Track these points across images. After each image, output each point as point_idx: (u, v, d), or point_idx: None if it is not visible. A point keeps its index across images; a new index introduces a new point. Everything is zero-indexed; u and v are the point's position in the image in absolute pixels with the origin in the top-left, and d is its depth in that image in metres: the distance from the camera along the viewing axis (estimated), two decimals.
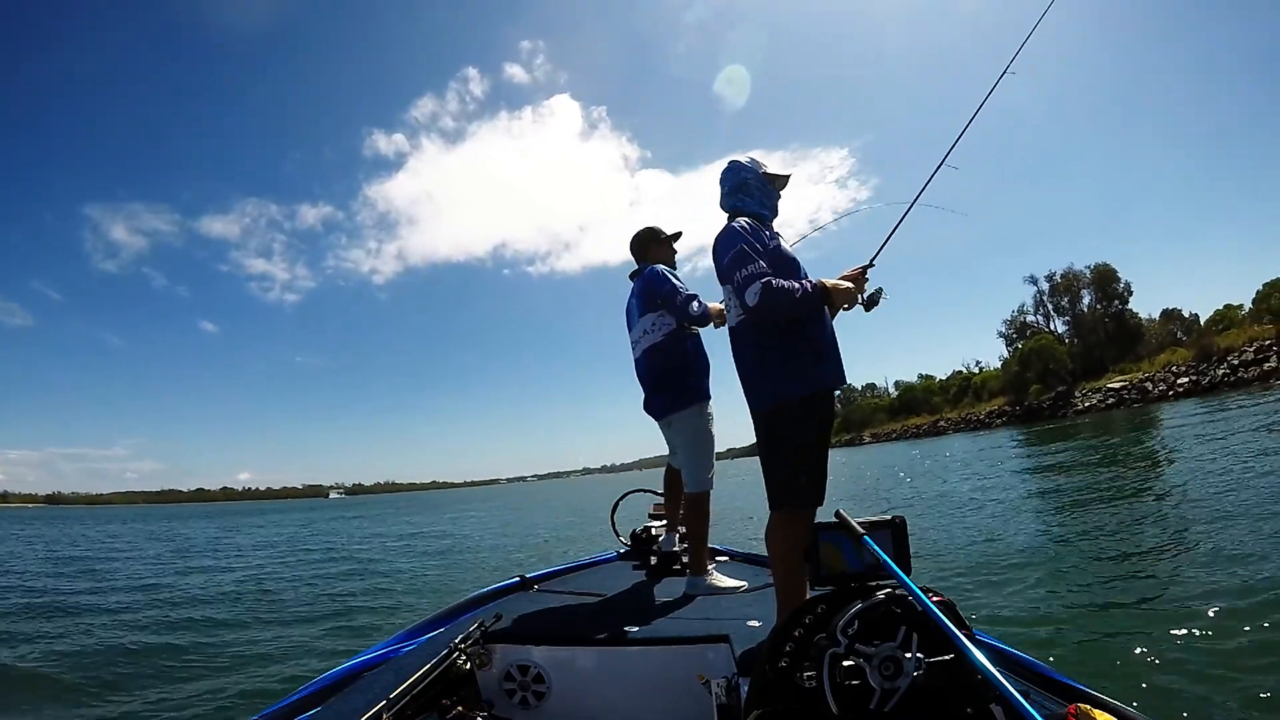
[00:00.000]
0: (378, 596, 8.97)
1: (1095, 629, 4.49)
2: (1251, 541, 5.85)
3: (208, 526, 30.44)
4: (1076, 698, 1.68)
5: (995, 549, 7.48)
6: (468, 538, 17.66)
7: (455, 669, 2.33)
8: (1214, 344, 43.03)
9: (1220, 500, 7.83)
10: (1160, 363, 47.29)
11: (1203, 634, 4.00)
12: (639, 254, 3.79)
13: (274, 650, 6.16)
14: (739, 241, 2.43)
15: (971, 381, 70.92)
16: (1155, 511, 8.09)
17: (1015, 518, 9.60)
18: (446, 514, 31.41)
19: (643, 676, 2.42)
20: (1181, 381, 41.81)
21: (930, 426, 67.87)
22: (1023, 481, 14.55)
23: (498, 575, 5.36)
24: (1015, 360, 60.36)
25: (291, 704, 2.08)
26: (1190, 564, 5.58)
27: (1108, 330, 56.88)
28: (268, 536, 22.63)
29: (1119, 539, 7.02)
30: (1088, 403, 48.34)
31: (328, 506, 71.23)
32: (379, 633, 6.21)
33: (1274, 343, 37.99)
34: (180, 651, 6.18)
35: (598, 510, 19.07)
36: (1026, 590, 5.66)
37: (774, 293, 2.30)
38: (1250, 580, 4.82)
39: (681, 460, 3.57)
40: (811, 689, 1.38)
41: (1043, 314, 63.61)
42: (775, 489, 2.38)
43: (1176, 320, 55.89)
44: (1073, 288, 60.90)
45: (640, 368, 3.66)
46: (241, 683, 5.19)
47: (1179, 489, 9.26)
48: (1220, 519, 6.93)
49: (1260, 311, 42.96)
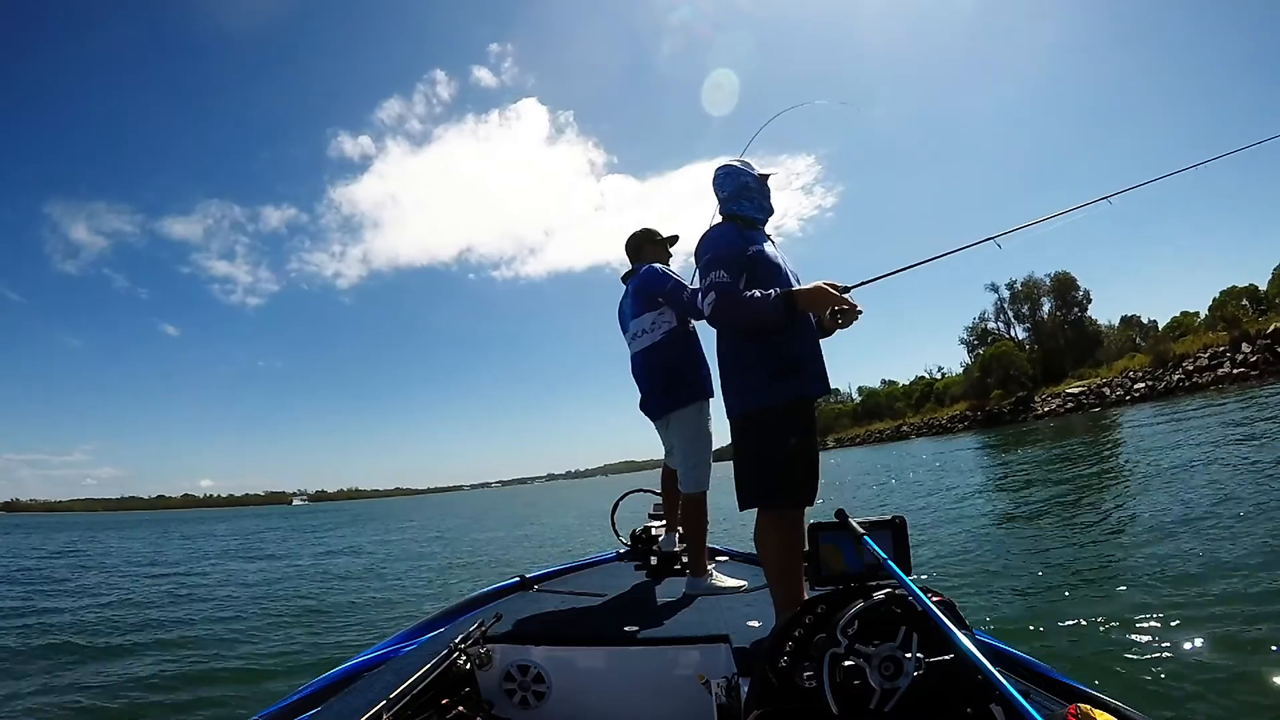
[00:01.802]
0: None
1: (1095, 629, 4.47)
2: (1247, 543, 5.85)
3: (168, 536, 29.92)
4: (1076, 698, 1.67)
5: (982, 551, 7.56)
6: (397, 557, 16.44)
7: (455, 669, 2.31)
8: (1170, 350, 43.97)
9: (1201, 501, 7.85)
10: (1118, 368, 48.20)
11: (1202, 634, 4.00)
12: (633, 255, 3.80)
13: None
14: (712, 248, 2.46)
15: (934, 387, 71.88)
16: (1133, 514, 8.08)
17: (989, 520, 9.76)
18: (399, 524, 30.09)
19: (643, 676, 2.43)
20: (1138, 386, 42.72)
21: (893, 431, 68.55)
22: (994, 484, 14.82)
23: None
24: (977, 366, 61.32)
25: (291, 704, 2.06)
26: (1189, 564, 5.56)
27: (1067, 337, 58.03)
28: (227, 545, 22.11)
29: (1106, 542, 7.02)
30: (1047, 407, 49.22)
31: (291, 514, 68.47)
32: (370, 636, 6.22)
33: (1227, 349, 38.89)
34: (176, 655, 6.25)
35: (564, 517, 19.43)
36: (1026, 590, 5.70)
37: (729, 307, 2.35)
38: (1250, 580, 4.81)
39: (677, 460, 3.56)
40: (811, 689, 1.39)
41: (1003, 321, 64.95)
42: (741, 489, 2.42)
43: (1136, 326, 57.11)
44: (1033, 295, 62.26)
45: (637, 367, 3.64)
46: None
47: (1152, 491, 9.35)
48: (1207, 519, 6.98)
49: (1215, 319, 43.95)
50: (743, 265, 2.42)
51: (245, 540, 23.97)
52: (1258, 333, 37.34)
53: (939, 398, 69.41)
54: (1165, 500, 8.40)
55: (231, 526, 35.64)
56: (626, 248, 3.84)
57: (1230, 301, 43.60)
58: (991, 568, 6.69)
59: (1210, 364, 38.93)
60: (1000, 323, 64.94)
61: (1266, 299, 42.31)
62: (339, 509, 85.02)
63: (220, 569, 14.30)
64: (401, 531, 23.99)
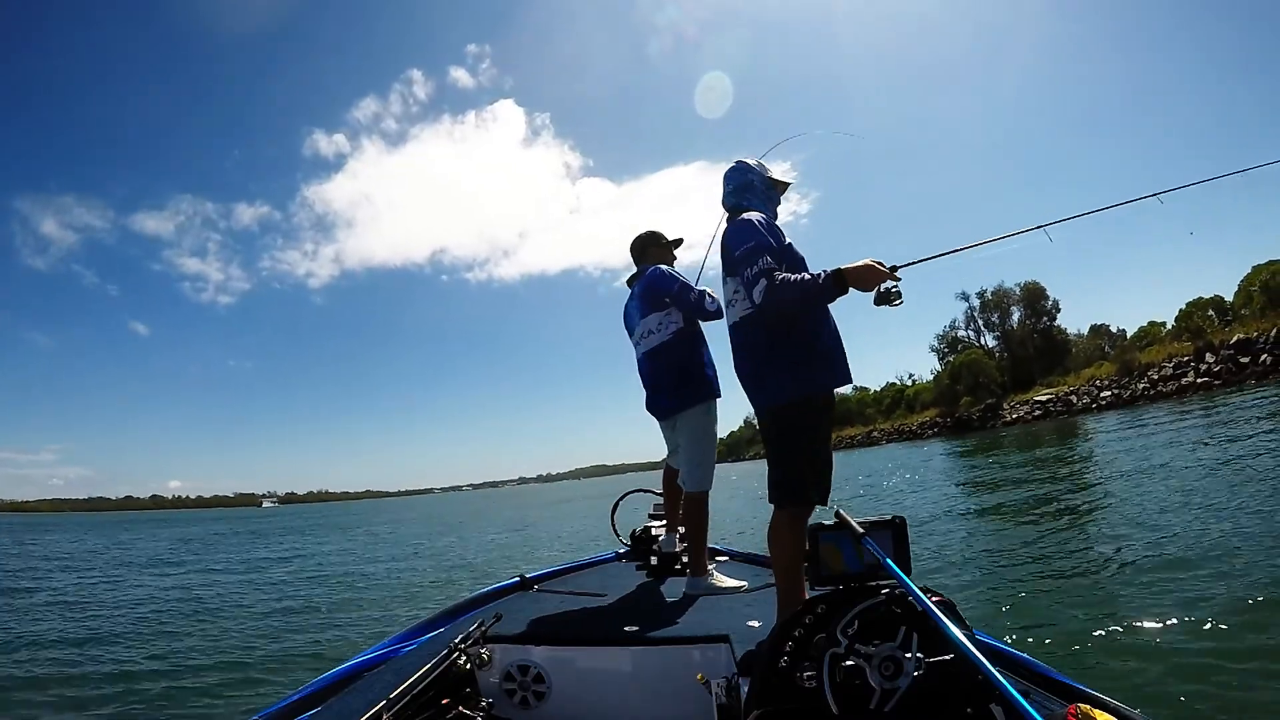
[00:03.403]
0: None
1: (1095, 629, 4.45)
2: (1244, 544, 5.86)
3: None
4: (1076, 698, 1.67)
5: (978, 552, 7.57)
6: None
7: (455, 669, 2.29)
8: (1135, 359, 44.85)
9: (1192, 503, 7.88)
10: (1085, 377, 49.04)
11: (1202, 634, 4.03)
12: (638, 256, 3.82)
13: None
14: (754, 236, 2.43)
15: (904, 394, 72.60)
16: (1124, 516, 8.03)
17: (979, 522, 9.90)
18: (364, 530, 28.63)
19: (643, 676, 2.44)
20: (1104, 395, 43.45)
21: (864, 437, 68.95)
22: (975, 487, 14.95)
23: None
24: (947, 374, 62.02)
25: (291, 704, 2.06)
26: (1188, 564, 5.56)
27: (1036, 345, 59.00)
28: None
29: (1105, 542, 7.01)
30: (1015, 414, 49.88)
31: (260, 516, 66.44)
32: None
33: (1191, 359, 39.61)
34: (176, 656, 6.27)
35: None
36: (1024, 590, 5.69)
37: (780, 288, 2.30)
38: (1250, 581, 4.82)
39: (682, 459, 3.56)
40: (811, 689, 1.40)
41: (974, 329, 65.99)
42: (778, 487, 2.39)
43: (1105, 335, 58.31)
44: (1003, 304, 63.31)
45: (644, 368, 3.67)
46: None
47: (1138, 494, 9.37)
48: (1200, 521, 6.99)
49: (1181, 329, 44.81)
50: (781, 255, 2.42)
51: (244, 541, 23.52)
52: (1221, 343, 38.16)
53: (910, 404, 70.15)
54: (1152, 503, 8.41)
55: (202, 530, 34.78)
56: (631, 249, 3.86)
57: (1196, 312, 44.55)
58: (988, 568, 6.69)
59: (1174, 373, 39.69)
60: (971, 331, 66.04)
61: (1232, 310, 43.23)
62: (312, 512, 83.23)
63: (219, 568, 14.23)
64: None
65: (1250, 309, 40.69)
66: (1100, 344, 56.58)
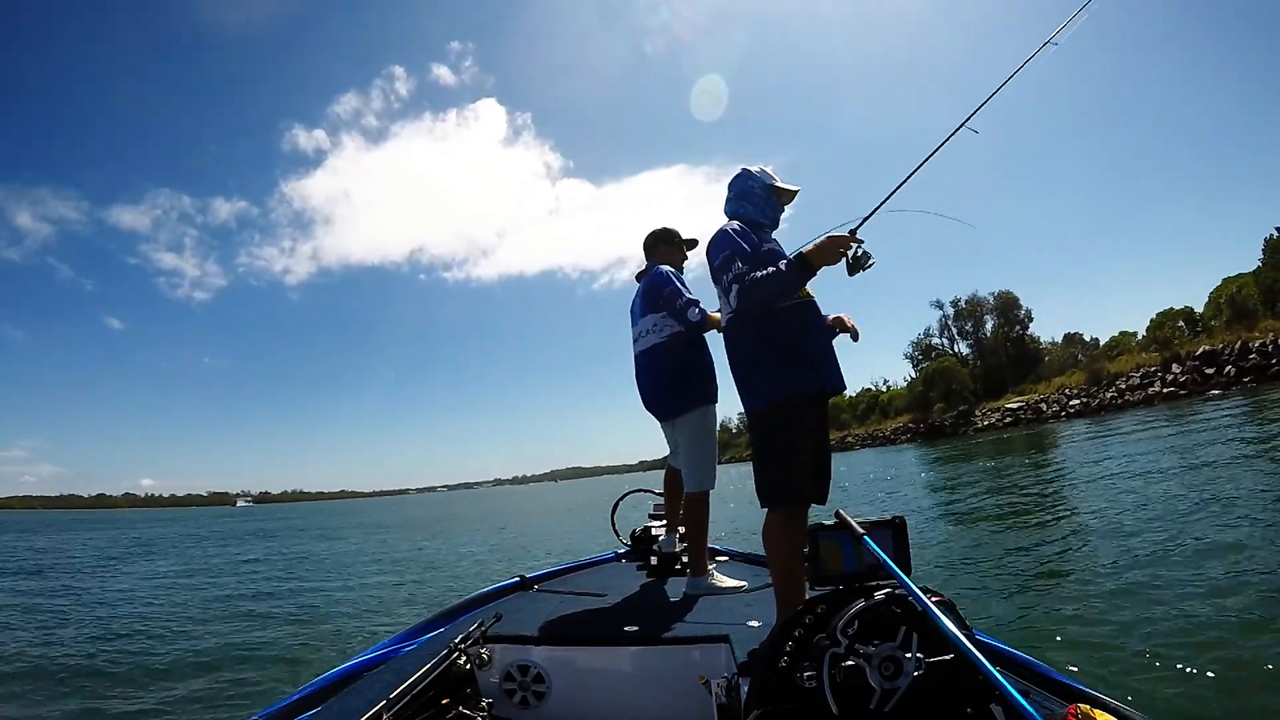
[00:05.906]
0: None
1: (1094, 629, 4.45)
2: (1239, 544, 5.86)
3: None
4: (1076, 698, 1.67)
5: (973, 553, 7.56)
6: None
7: (455, 669, 2.28)
8: (1105, 369, 45.74)
9: (1181, 509, 7.88)
10: (1055, 385, 49.74)
11: (1202, 634, 4.02)
12: (648, 253, 3.80)
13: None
14: (729, 244, 2.49)
15: (879, 399, 73.21)
16: (1117, 522, 7.97)
17: (969, 523, 9.86)
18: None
19: (643, 676, 2.45)
20: (1074, 403, 44.20)
21: (838, 442, 68.73)
22: (957, 491, 14.93)
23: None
24: (920, 380, 62.85)
25: (291, 704, 2.06)
26: (1183, 564, 5.58)
27: (1008, 353, 59.89)
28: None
29: (1105, 542, 7.00)
30: (987, 421, 50.55)
31: (235, 516, 64.79)
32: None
33: (1159, 369, 40.40)
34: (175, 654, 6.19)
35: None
36: (1024, 591, 5.70)
37: (750, 288, 2.36)
38: (1249, 581, 4.83)
39: (683, 460, 3.55)
40: (811, 689, 1.39)
41: (947, 337, 66.92)
42: (764, 487, 2.42)
43: (1078, 344, 59.13)
44: (976, 313, 64.34)
45: (639, 366, 3.68)
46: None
47: (1122, 499, 9.38)
48: (1193, 523, 7.01)
49: (1150, 340, 45.57)
50: (758, 258, 2.47)
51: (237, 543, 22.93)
52: (1188, 354, 38.91)
53: (884, 410, 70.82)
54: (1131, 507, 8.47)
55: (181, 529, 34.00)
56: (644, 245, 3.84)
57: (1167, 323, 45.22)
58: (976, 570, 6.67)
59: (1142, 383, 40.46)
60: (944, 338, 66.95)
61: (1202, 321, 44.08)
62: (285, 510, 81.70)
63: (215, 569, 14.07)
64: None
65: (1219, 321, 41.48)
66: (1073, 352, 57.41)
